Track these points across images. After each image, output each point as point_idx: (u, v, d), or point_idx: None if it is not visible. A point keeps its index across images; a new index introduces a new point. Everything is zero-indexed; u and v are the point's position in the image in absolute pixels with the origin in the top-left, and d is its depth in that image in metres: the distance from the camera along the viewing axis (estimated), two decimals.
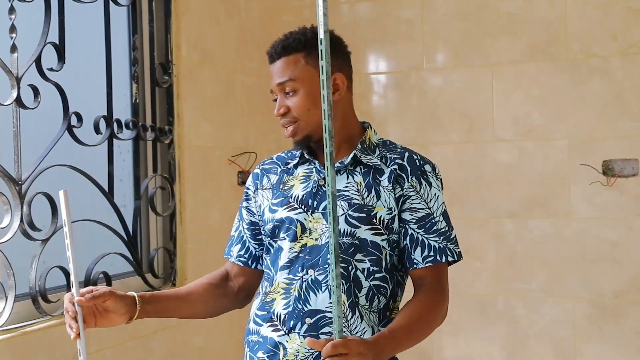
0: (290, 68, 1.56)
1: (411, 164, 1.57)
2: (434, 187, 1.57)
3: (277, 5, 3.34)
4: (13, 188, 1.91)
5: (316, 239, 1.53)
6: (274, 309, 1.54)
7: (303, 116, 1.56)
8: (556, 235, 2.98)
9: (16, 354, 1.82)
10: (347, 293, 1.50)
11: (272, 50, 1.60)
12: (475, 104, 3.09)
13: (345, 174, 1.57)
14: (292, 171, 1.63)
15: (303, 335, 1.49)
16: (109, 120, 2.28)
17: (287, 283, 1.53)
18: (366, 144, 1.61)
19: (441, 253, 1.53)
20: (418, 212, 1.54)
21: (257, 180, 1.68)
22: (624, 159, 2.88)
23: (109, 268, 2.24)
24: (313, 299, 1.51)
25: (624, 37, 2.89)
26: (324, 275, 1.50)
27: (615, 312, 2.91)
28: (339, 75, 1.59)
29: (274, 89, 1.59)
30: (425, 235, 1.54)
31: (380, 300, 1.53)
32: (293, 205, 1.57)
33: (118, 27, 2.42)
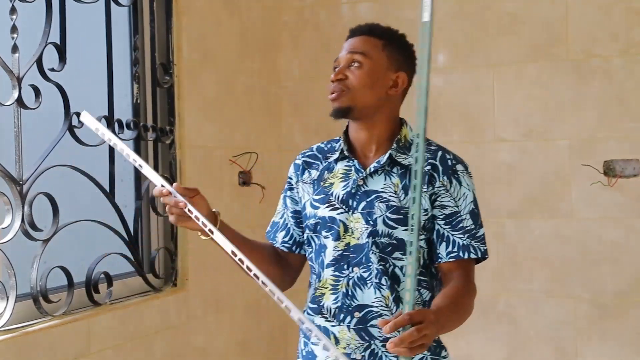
0: (368, 45, 1.64)
1: (443, 164, 1.63)
2: (463, 186, 1.62)
3: (278, 6, 3.34)
4: (14, 188, 1.91)
5: (358, 238, 1.60)
6: (323, 303, 1.63)
7: (356, 89, 1.61)
8: (557, 236, 2.98)
9: (17, 354, 1.82)
10: (390, 289, 1.57)
11: (358, 28, 1.68)
12: (477, 104, 3.09)
13: (382, 175, 1.63)
14: (332, 167, 1.69)
15: (353, 329, 1.58)
16: (110, 121, 2.28)
17: (335, 280, 1.62)
18: (402, 142, 1.66)
19: (464, 250, 1.59)
20: (446, 209, 1.60)
21: (298, 171, 1.75)
22: (625, 160, 2.88)
23: (110, 268, 2.23)
24: (360, 295, 1.59)
25: (625, 38, 2.89)
26: (369, 272, 1.58)
27: (616, 312, 2.91)
28: (403, 74, 1.67)
29: (340, 58, 1.65)
30: (451, 231, 1.60)
31: (422, 293, 1.60)
32: (334, 205, 1.63)
33: (119, 28, 2.42)
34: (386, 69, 1.64)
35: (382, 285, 1.57)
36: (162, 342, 2.38)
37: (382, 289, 1.57)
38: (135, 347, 2.25)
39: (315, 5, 3.32)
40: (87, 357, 2.05)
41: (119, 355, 2.18)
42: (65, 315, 2.03)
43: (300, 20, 3.35)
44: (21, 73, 1.94)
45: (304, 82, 3.35)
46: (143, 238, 2.48)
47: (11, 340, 1.81)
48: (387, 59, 1.64)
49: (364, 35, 1.65)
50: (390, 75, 1.65)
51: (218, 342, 2.75)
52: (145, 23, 2.51)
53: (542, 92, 3.00)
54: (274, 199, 3.26)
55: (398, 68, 1.66)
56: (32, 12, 2.01)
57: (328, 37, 3.30)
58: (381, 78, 1.63)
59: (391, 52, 1.65)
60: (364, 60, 1.62)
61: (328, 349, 1.35)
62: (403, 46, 1.69)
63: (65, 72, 2.08)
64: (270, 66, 3.26)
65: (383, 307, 1.57)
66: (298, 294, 1.71)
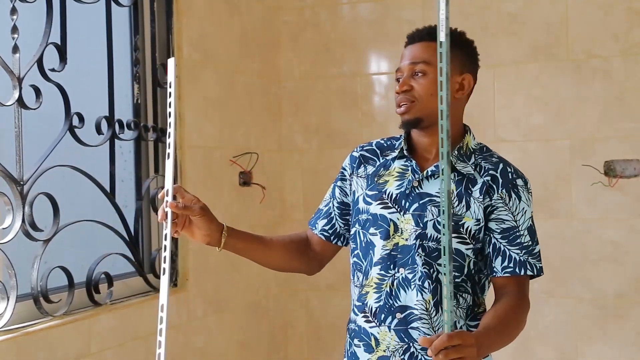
0: (429, 52, 1.61)
1: (504, 177, 1.61)
2: (523, 201, 1.62)
3: (279, 6, 3.34)
4: (15, 188, 1.91)
5: (406, 239, 1.59)
6: (367, 302, 1.62)
7: (423, 98, 1.60)
8: (558, 236, 2.98)
9: (18, 354, 1.82)
10: (432, 292, 1.57)
11: (416, 33, 1.65)
12: (477, 104, 3.08)
13: (439, 179, 1.61)
14: (389, 164, 1.68)
15: (394, 329, 1.57)
16: (111, 121, 2.28)
17: (380, 279, 1.61)
18: (463, 149, 1.65)
19: (521, 266, 1.58)
20: (504, 223, 1.59)
21: (354, 164, 1.73)
22: (626, 160, 2.88)
23: (111, 268, 2.23)
24: (403, 296, 1.58)
25: (625, 38, 2.89)
26: (413, 274, 1.58)
27: (617, 312, 2.91)
28: (468, 76, 1.65)
29: (403, 67, 1.64)
30: (508, 246, 1.58)
31: (465, 298, 1.60)
32: (387, 203, 1.62)
33: (119, 28, 2.42)
34: (451, 73, 1.59)
35: (424, 288, 1.57)
36: None
37: (424, 292, 1.57)
38: (136, 347, 2.25)
39: (315, 5, 3.32)
40: (87, 357, 2.05)
41: (120, 356, 2.18)
42: (66, 315, 2.03)
43: (300, 20, 3.35)
44: (22, 73, 1.94)
45: (304, 82, 3.35)
46: (143, 238, 2.48)
47: (12, 341, 1.81)
48: (451, 62, 1.60)
49: (423, 42, 1.62)
50: (456, 78, 1.63)
51: (218, 342, 2.75)
52: (146, 23, 2.51)
53: (542, 92, 3.00)
54: (274, 199, 3.28)
55: (462, 70, 1.63)
56: (32, 13, 2.01)
57: (328, 37, 3.30)
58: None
59: (454, 54, 1.56)
60: (428, 68, 1.59)
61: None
62: (464, 46, 1.66)
63: (65, 73, 2.08)
64: (270, 66, 3.26)
65: (423, 311, 1.57)
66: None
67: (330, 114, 3.28)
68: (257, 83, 3.12)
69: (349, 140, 3.24)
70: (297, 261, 1.73)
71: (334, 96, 3.29)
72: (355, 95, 3.26)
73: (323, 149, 3.27)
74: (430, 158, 1.65)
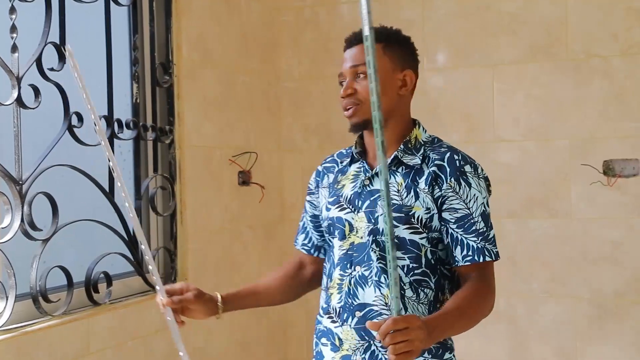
0: None
1: (451, 165, 1.61)
2: (473, 188, 1.61)
3: (278, 5, 3.34)
4: (14, 188, 1.91)
5: (361, 237, 1.62)
6: (330, 303, 1.65)
7: (368, 100, 1.59)
8: (557, 236, 2.98)
9: (17, 354, 1.82)
10: (389, 287, 1.56)
11: (353, 37, 1.67)
12: (476, 104, 3.09)
13: (388, 174, 1.60)
14: (345, 169, 1.72)
15: (354, 328, 1.59)
16: (110, 120, 2.28)
17: (340, 279, 1.64)
18: (411, 143, 1.65)
19: (479, 253, 1.59)
20: (457, 212, 1.59)
21: (318, 178, 1.79)
22: (625, 159, 2.88)
23: (110, 268, 2.23)
24: (361, 294, 1.60)
25: (624, 37, 2.89)
26: (369, 271, 1.59)
27: (616, 312, 2.91)
28: (409, 72, 1.66)
29: (344, 71, 1.65)
30: (465, 235, 1.59)
31: (427, 293, 1.60)
32: (343, 205, 1.66)
33: (119, 27, 2.42)
34: (392, 71, 1.63)
35: (381, 283, 1.58)
36: (161, 342, 2.38)
37: (381, 287, 1.58)
38: (135, 347, 2.25)
39: (315, 5, 3.32)
40: (86, 356, 2.05)
41: (119, 355, 2.18)
42: (65, 315, 2.03)
43: (300, 20, 3.35)
44: (21, 73, 1.94)
45: (304, 82, 3.35)
46: None
47: (11, 340, 1.81)
48: (391, 61, 1.63)
49: (361, 44, 1.62)
50: (398, 75, 1.64)
51: (218, 342, 2.75)
52: (145, 23, 2.51)
53: (541, 92, 3.00)
54: (273, 198, 3.28)
55: (403, 67, 1.65)
56: (31, 12, 2.01)
57: (328, 37, 3.30)
58: (390, 81, 1.62)
59: (393, 52, 1.64)
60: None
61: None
62: (402, 43, 1.68)
63: (64, 72, 2.08)
64: (269, 66, 3.26)
65: (383, 306, 1.57)
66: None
67: (330, 113, 3.28)
68: (256, 83, 3.12)
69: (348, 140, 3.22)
70: (298, 290, 1.81)
71: (334, 96, 3.27)
72: None
73: (322, 148, 3.26)
74: None
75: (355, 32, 1.66)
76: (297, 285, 1.80)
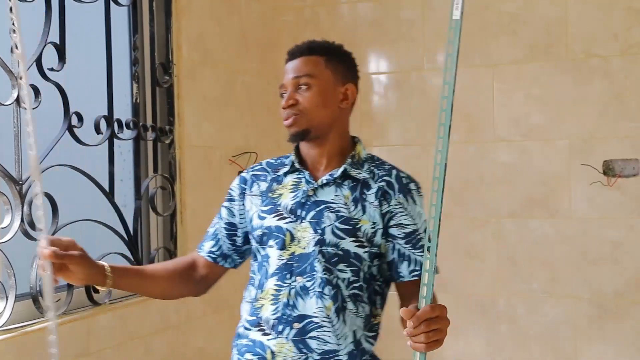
0: (310, 65, 1.65)
1: (398, 182, 1.64)
2: (418, 205, 1.64)
3: (278, 5, 3.34)
4: (13, 188, 1.91)
5: (304, 247, 1.59)
6: (261, 314, 1.60)
7: (309, 111, 1.62)
8: (557, 236, 2.98)
9: (17, 354, 1.82)
10: (333, 298, 1.57)
11: (296, 49, 1.69)
12: (476, 104, 3.09)
13: (333, 186, 1.63)
14: (281, 179, 1.68)
15: (291, 340, 1.56)
16: (110, 120, 2.28)
17: (276, 289, 1.59)
18: (356, 158, 1.67)
19: None
20: (405, 228, 1.61)
21: (244, 185, 1.73)
22: (625, 159, 2.88)
23: None
24: (301, 305, 1.57)
25: (624, 37, 2.89)
26: (312, 282, 1.57)
27: (615, 312, 2.91)
28: (351, 86, 1.68)
29: (286, 83, 1.66)
30: (412, 250, 1.61)
31: (364, 307, 1.60)
32: (282, 215, 1.62)
33: (119, 27, 2.42)
34: (334, 84, 1.64)
35: (324, 295, 1.55)
36: (161, 342, 2.38)
37: (324, 299, 1.55)
38: (135, 347, 2.25)
39: (315, 5, 3.32)
40: (86, 357, 2.05)
41: (119, 355, 2.18)
42: (65, 315, 2.03)
43: (300, 20, 3.35)
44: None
45: None
46: (142, 238, 2.48)
47: (10, 340, 1.81)
48: (333, 74, 1.65)
49: (304, 56, 1.66)
50: (339, 89, 1.65)
51: (218, 342, 2.75)
52: (145, 23, 2.51)
53: (541, 92, 3.00)
54: None
55: (344, 80, 1.67)
56: (31, 12, 2.01)
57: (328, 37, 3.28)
58: (331, 94, 1.63)
59: (335, 66, 1.65)
60: (311, 80, 1.62)
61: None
62: (344, 57, 1.70)
63: (64, 72, 2.08)
64: (269, 66, 3.26)
65: (324, 318, 1.55)
66: None
67: None
68: (256, 83, 3.12)
69: None
70: (182, 288, 1.72)
71: None
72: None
73: None
74: (321, 169, 1.67)
75: (298, 44, 1.69)
76: (183, 283, 1.71)
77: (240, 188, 1.73)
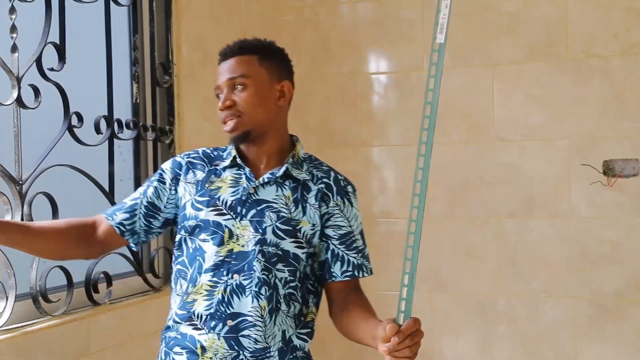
0: (244, 66, 1.63)
1: (337, 184, 1.66)
2: (354, 207, 1.67)
3: (278, 5, 3.34)
4: (13, 188, 1.91)
5: (243, 245, 1.58)
6: (194, 310, 1.58)
7: (248, 111, 1.61)
8: (557, 236, 2.98)
9: (17, 354, 1.82)
10: (268, 299, 1.57)
11: (228, 50, 1.67)
12: (476, 104, 3.09)
13: (274, 186, 1.63)
14: (219, 173, 1.66)
15: (223, 337, 1.55)
16: (110, 120, 2.28)
17: (211, 285, 1.57)
18: (296, 157, 1.67)
19: (358, 269, 1.65)
20: (340, 229, 1.64)
21: (179, 170, 1.69)
22: (625, 159, 2.88)
23: (110, 268, 2.24)
24: (236, 303, 1.56)
25: (624, 37, 2.89)
26: (249, 281, 1.56)
27: (615, 312, 2.91)
28: (287, 83, 1.68)
29: (221, 84, 1.64)
30: (346, 251, 1.64)
31: (295, 306, 1.61)
32: (221, 210, 1.60)
33: (118, 27, 2.42)
34: (269, 82, 1.64)
35: (260, 294, 1.56)
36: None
37: (260, 299, 1.55)
38: (135, 347, 2.25)
39: (315, 5, 3.32)
40: (86, 356, 2.05)
41: (119, 355, 2.18)
42: (65, 315, 2.03)
43: (299, 19, 3.35)
44: (20, 73, 1.94)
45: (303, 82, 3.34)
46: None
47: (11, 340, 1.81)
48: (267, 72, 1.64)
49: (236, 56, 1.64)
50: (275, 86, 1.65)
51: None
52: (145, 23, 2.52)
53: (541, 92, 3.00)
54: None
55: (280, 78, 1.66)
56: (31, 12, 2.01)
57: (328, 37, 3.30)
58: (268, 92, 1.63)
59: (269, 64, 1.64)
60: (246, 80, 1.61)
61: None
62: (277, 54, 1.69)
63: (64, 72, 2.08)
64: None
65: (258, 318, 1.56)
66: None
67: (330, 113, 3.28)
68: None
69: (348, 139, 3.24)
70: (74, 249, 1.65)
71: (333, 96, 3.29)
72: (355, 95, 3.26)
73: (322, 148, 3.27)
74: (261, 167, 1.66)
75: (230, 45, 1.67)
76: (75, 244, 1.63)
77: (173, 172, 1.69)
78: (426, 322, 3.16)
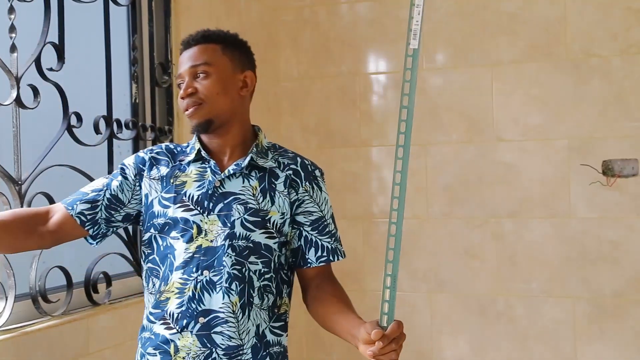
0: (207, 54, 1.62)
1: (304, 170, 1.66)
2: (323, 192, 1.67)
3: (277, 5, 3.34)
4: (13, 188, 1.91)
5: (211, 240, 1.56)
6: (167, 308, 1.57)
7: (210, 99, 1.60)
8: (556, 236, 2.98)
9: (16, 354, 1.81)
10: (239, 294, 1.55)
11: (190, 38, 1.66)
12: (476, 104, 3.09)
13: (240, 178, 1.61)
14: (184, 168, 1.65)
15: (195, 334, 1.54)
16: (109, 120, 2.28)
17: (182, 283, 1.56)
18: (259, 146, 1.67)
19: (333, 253, 1.65)
20: (312, 215, 1.64)
21: (142, 165, 1.66)
22: (624, 159, 2.88)
23: (109, 268, 2.23)
24: (207, 299, 1.55)
25: (624, 37, 2.89)
26: (219, 277, 1.55)
27: (615, 312, 2.91)
28: (250, 73, 1.68)
29: (184, 72, 1.63)
30: (319, 236, 1.64)
31: (269, 298, 1.60)
32: (188, 206, 1.59)
33: (118, 27, 2.41)
34: (232, 72, 1.63)
35: (231, 290, 1.54)
36: None
37: (231, 294, 1.54)
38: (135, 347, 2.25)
39: (315, 4, 3.32)
40: (86, 357, 2.05)
41: (118, 355, 2.18)
42: (64, 315, 2.03)
43: (299, 19, 3.35)
44: (20, 73, 1.94)
45: (302, 82, 3.35)
46: None
47: (10, 340, 1.80)
48: (230, 62, 1.63)
49: (199, 45, 1.63)
50: (238, 76, 1.65)
51: None
52: (144, 23, 2.51)
53: (541, 92, 3.01)
54: None
55: (243, 68, 1.66)
56: (30, 12, 2.01)
57: (327, 37, 3.30)
58: (230, 81, 1.62)
59: (231, 53, 1.64)
60: (209, 68, 1.60)
61: None
62: (240, 45, 1.68)
63: (63, 72, 2.08)
64: (269, 66, 3.26)
65: (230, 314, 1.54)
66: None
67: (329, 113, 3.28)
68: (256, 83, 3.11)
69: (348, 139, 3.24)
70: (22, 241, 1.56)
71: (333, 95, 3.29)
72: (354, 95, 3.26)
73: (322, 148, 3.27)
74: (225, 159, 1.65)
75: (192, 34, 1.66)
76: (24, 234, 1.55)
77: (137, 168, 1.66)
78: (426, 322, 3.17)
